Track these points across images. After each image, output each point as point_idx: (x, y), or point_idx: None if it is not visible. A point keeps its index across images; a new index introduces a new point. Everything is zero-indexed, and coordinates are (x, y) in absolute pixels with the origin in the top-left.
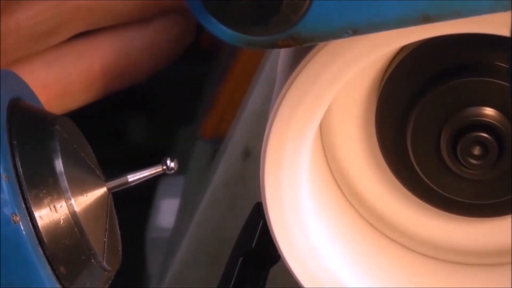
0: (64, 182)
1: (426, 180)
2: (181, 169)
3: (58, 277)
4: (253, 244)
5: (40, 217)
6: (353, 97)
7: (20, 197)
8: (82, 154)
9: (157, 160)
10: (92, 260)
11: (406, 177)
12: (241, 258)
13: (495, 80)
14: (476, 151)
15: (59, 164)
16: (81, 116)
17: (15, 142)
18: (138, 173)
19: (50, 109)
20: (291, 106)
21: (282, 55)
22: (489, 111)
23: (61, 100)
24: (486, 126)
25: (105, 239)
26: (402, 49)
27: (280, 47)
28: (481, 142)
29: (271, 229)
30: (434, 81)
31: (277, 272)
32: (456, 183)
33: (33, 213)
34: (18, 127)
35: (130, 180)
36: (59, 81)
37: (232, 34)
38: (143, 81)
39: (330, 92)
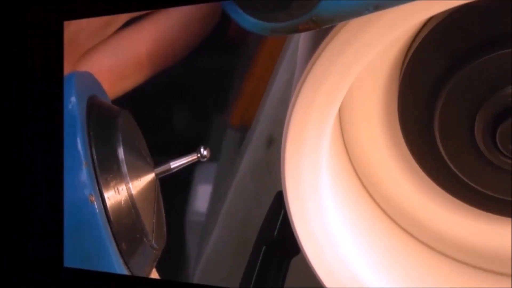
0: (124, 168)
1: (457, 173)
2: (214, 157)
3: (121, 253)
4: (275, 234)
5: (108, 198)
6: (374, 82)
7: (95, 180)
8: (137, 143)
9: (194, 147)
10: (144, 239)
11: (433, 168)
12: (264, 247)
13: None
14: None
15: (121, 152)
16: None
17: (91, 133)
18: (178, 161)
19: (113, 90)
20: (312, 90)
21: (302, 41)
22: None
23: (122, 82)
24: None
25: (153, 220)
26: (427, 23)
27: (300, 31)
28: None
29: (291, 220)
30: (465, 56)
31: (301, 263)
32: (493, 176)
33: (103, 195)
34: (93, 120)
35: (172, 166)
36: (120, 65)
37: (257, 23)
38: (181, 60)
39: (351, 74)
